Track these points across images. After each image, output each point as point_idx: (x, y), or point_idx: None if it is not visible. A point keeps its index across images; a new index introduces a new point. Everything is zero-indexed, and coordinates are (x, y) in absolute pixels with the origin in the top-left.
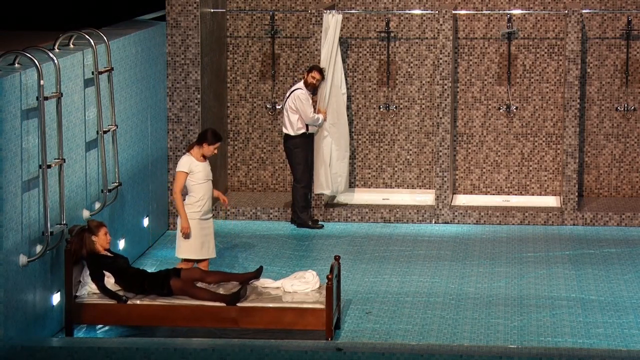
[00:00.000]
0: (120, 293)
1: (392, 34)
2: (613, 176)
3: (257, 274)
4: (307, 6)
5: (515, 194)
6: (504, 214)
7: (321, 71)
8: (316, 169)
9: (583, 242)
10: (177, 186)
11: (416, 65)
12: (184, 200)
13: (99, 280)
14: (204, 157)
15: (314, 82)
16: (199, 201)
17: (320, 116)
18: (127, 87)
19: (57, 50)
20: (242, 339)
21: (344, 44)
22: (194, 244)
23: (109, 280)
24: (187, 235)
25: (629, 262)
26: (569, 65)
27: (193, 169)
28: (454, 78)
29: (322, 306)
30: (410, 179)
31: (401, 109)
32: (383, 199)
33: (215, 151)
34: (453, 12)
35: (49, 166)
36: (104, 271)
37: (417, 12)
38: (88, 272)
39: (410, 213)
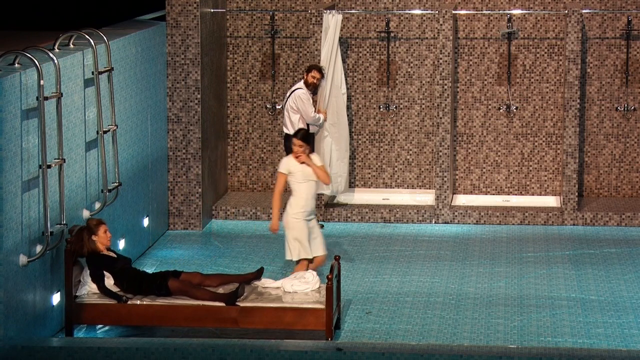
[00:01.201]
0: (120, 293)
1: (392, 34)
2: (613, 176)
3: (258, 275)
4: (307, 6)
5: (515, 194)
6: (504, 214)
7: (320, 70)
8: None
9: (583, 242)
10: (276, 186)
11: (416, 65)
12: (289, 200)
13: (98, 280)
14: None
15: (315, 81)
16: (301, 200)
17: (321, 116)
18: (127, 87)
19: (57, 50)
20: (242, 339)
21: (344, 44)
22: (304, 244)
23: (109, 281)
24: (294, 235)
25: (629, 262)
26: (569, 65)
27: (291, 169)
28: (454, 78)
29: (322, 306)
30: (410, 179)
31: (401, 109)
32: (383, 199)
33: (300, 149)
34: (453, 12)
35: (49, 166)
36: (104, 271)
37: (417, 12)
38: (88, 272)
39: (410, 213)
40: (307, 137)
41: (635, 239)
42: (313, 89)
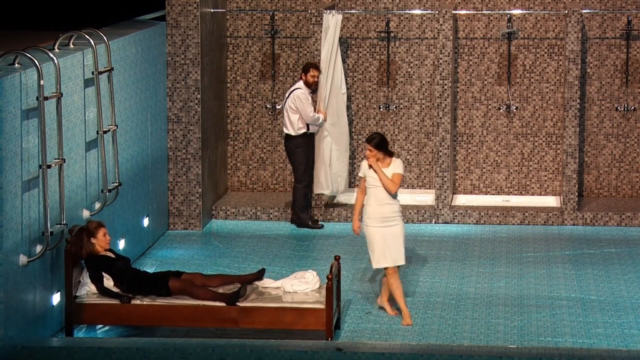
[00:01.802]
0: (121, 293)
1: (392, 34)
2: (613, 176)
3: (259, 276)
4: (307, 6)
5: (515, 194)
6: (504, 214)
7: (317, 67)
8: (316, 169)
9: (583, 242)
10: (358, 189)
11: (416, 65)
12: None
13: (97, 282)
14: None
15: (315, 79)
16: (369, 206)
17: (321, 116)
18: (127, 87)
19: (57, 50)
20: (242, 339)
21: (344, 44)
22: (376, 252)
23: (108, 283)
24: (368, 242)
25: (629, 262)
26: (569, 65)
27: (366, 173)
28: (454, 78)
29: (322, 306)
30: (410, 179)
31: (401, 109)
32: None
33: (368, 152)
34: (453, 12)
35: (49, 166)
36: (103, 273)
37: (417, 12)
38: (88, 273)
39: (410, 213)
40: (380, 143)
41: (635, 239)
42: (315, 87)
